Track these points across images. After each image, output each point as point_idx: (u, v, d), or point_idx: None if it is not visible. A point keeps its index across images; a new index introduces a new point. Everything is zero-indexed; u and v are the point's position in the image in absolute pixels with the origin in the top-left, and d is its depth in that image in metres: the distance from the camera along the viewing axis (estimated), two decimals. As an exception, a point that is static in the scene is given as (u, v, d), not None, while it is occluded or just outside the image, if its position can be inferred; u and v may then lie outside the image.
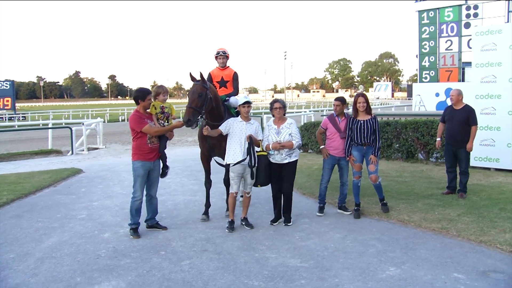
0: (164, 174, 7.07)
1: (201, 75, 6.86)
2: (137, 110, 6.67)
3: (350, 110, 8.04)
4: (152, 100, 6.83)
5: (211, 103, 6.91)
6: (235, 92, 7.84)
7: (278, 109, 7.04)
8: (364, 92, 8.60)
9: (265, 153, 6.95)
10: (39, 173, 12.06)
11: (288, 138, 6.92)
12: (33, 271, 5.40)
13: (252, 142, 6.74)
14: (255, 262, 5.56)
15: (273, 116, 7.17)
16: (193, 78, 6.90)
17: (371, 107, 7.58)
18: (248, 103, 6.87)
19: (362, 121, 7.34)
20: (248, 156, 6.74)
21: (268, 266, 5.42)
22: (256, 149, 6.84)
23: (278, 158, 6.95)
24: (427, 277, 5.00)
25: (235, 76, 7.88)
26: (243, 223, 7.01)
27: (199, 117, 6.75)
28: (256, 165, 6.82)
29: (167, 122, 6.87)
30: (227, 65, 7.94)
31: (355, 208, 7.57)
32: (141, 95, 6.65)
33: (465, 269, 5.19)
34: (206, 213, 7.58)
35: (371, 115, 7.43)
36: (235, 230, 6.80)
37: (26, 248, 6.20)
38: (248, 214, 7.16)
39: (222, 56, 7.81)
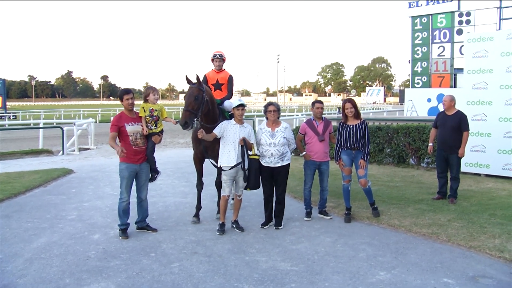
0: (152, 178, 7.04)
1: (198, 78, 6.88)
2: (122, 112, 6.73)
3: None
4: (144, 101, 6.88)
5: (208, 105, 6.94)
6: (229, 95, 7.83)
7: (273, 112, 7.05)
8: (352, 97, 8.62)
9: (257, 157, 6.94)
10: (29, 173, 11.97)
11: (283, 142, 6.93)
12: (21, 272, 5.35)
13: (246, 145, 6.75)
14: (245, 265, 5.55)
15: (267, 118, 7.17)
16: (189, 81, 6.91)
17: (361, 111, 7.65)
18: (242, 105, 6.87)
19: (351, 126, 7.40)
20: (242, 159, 6.74)
21: (258, 269, 5.41)
22: (249, 152, 6.84)
23: (270, 161, 6.95)
24: (417, 281, 5.01)
25: (230, 79, 7.87)
26: (234, 225, 7.00)
27: (195, 120, 6.74)
28: (248, 168, 6.82)
29: (155, 126, 6.83)
30: (223, 68, 7.94)
31: (346, 212, 7.57)
32: (120, 95, 6.70)
33: (455, 274, 5.21)
34: (197, 215, 7.56)
35: (360, 120, 7.47)
36: (225, 233, 6.79)
37: (15, 248, 6.15)
38: (239, 217, 7.15)
39: (219, 59, 7.81)
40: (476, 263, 5.52)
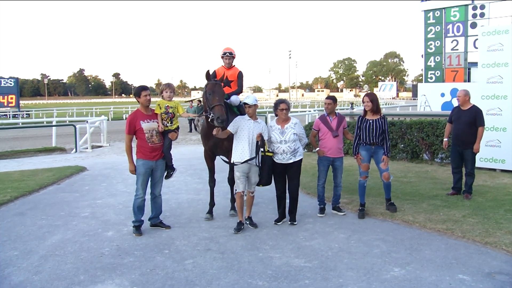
0: (168, 175, 7.05)
1: (224, 79, 7.23)
2: (137, 109, 6.76)
3: (355, 110, 8.00)
4: (161, 97, 6.94)
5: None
6: (239, 90, 7.82)
7: (285, 111, 7.01)
8: (372, 92, 8.44)
9: (271, 154, 6.91)
10: (43, 170, 12.08)
11: (293, 138, 6.89)
12: (36, 268, 5.40)
13: (262, 141, 6.75)
14: (259, 261, 5.54)
15: (277, 116, 7.13)
16: (210, 77, 7.00)
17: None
18: (246, 104, 6.82)
19: (371, 121, 7.30)
20: (256, 155, 6.72)
21: (272, 265, 5.40)
22: (262, 149, 6.82)
23: (283, 158, 6.92)
24: (431, 278, 4.96)
25: (239, 75, 7.83)
26: (247, 222, 6.98)
27: (206, 114, 6.88)
28: (261, 164, 6.82)
29: (171, 123, 6.85)
30: (233, 64, 7.91)
31: (360, 208, 7.52)
32: (136, 92, 6.71)
33: (470, 270, 5.15)
34: (210, 212, 7.57)
35: (380, 115, 7.38)
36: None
37: (30, 245, 6.20)
38: (252, 214, 7.14)
39: (229, 57, 7.76)
40: (492, 260, 5.46)
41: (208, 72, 6.97)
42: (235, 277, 5.09)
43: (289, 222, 7.08)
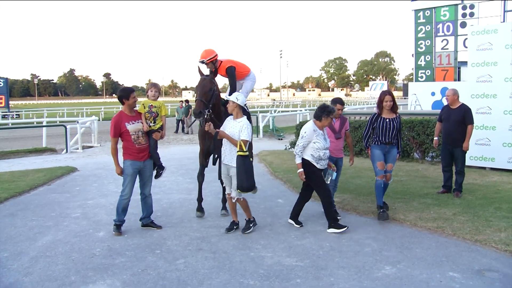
0: (158, 175, 7.07)
1: (211, 71, 7.09)
2: (121, 112, 6.68)
3: (346, 109, 7.99)
4: (146, 97, 6.92)
5: (217, 99, 7.10)
6: (232, 89, 7.45)
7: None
8: (390, 90, 8.18)
9: (243, 153, 6.30)
10: (33, 171, 12.00)
11: None
12: (27, 270, 5.36)
13: (215, 137, 6.50)
14: (250, 261, 5.54)
15: (319, 120, 6.70)
16: (202, 73, 7.07)
17: (364, 106, 7.53)
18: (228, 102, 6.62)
19: (387, 120, 7.15)
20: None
21: (263, 265, 5.41)
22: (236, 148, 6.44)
23: (325, 164, 6.74)
24: (422, 276, 5.00)
25: (229, 73, 7.41)
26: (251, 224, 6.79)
27: (206, 111, 6.81)
28: (215, 163, 6.89)
29: (154, 123, 6.84)
30: (220, 61, 7.42)
31: (381, 210, 7.12)
32: (124, 94, 6.60)
33: (460, 268, 5.19)
34: (199, 209, 7.56)
35: (396, 114, 7.27)
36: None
37: (20, 247, 6.16)
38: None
39: (207, 64, 7.26)
40: (481, 257, 5.50)
41: (198, 67, 7.02)
42: (227, 276, 5.09)
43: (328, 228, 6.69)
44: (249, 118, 6.85)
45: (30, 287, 4.91)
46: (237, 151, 6.31)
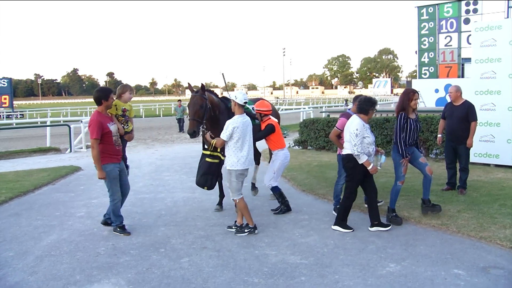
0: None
1: (202, 86, 7.16)
2: (99, 112, 6.46)
3: (349, 106, 7.91)
4: (117, 99, 7.00)
5: (210, 112, 7.19)
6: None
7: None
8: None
9: (206, 152, 6.84)
10: (38, 171, 12.04)
11: None
12: (32, 269, 5.38)
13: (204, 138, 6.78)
14: (254, 259, 5.55)
15: (365, 114, 6.46)
16: (191, 89, 7.21)
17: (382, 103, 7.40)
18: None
19: (413, 120, 6.81)
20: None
21: (268, 263, 5.41)
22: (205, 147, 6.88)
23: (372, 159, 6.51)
24: (427, 273, 4.99)
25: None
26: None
27: (200, 128, 7.03)
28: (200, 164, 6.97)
29: (126, 125, 7.00)
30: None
31: (394, 214, 6.91)
32: (103, 94, 6.48)
33: (465, 265, 5.18)
34: (220, 203, 7.88)
35: (416, 113, 7.05)
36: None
37: (25, 246, 6.18)
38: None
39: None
40: (486, 254, 5.49)
41: (188, 84, 7.36)
42: (231, 274, 5.10)
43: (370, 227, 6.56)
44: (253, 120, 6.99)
45: (36, 286, 4.93)
46: (206, 151, 6.75)
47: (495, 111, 10.40)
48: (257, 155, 8.79)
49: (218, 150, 6.78)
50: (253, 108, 7.64)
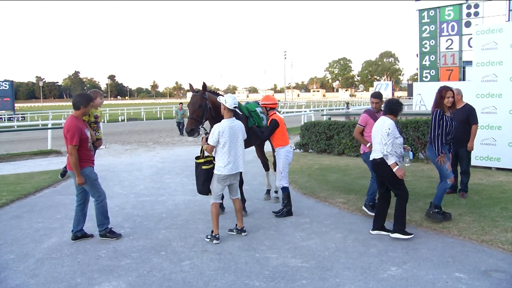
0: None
1: (203, 85, 7.13)
2: (76, 117, 6.35)
3: (350, 110, 7.93)
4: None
5: (211, 112, 7.15)
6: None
7: None
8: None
9: (199, 161, 6.74)
10: (39, 173, 12.04)
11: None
12: (33, 272, 5.38)
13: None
14: (256, 262, 5.54)
15: (394, 114, 6.52)
16: (192, 89, 7.21)
17: (368, 106, 7.38)
18: None
19: (448, 117, 6.82)
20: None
21: (269, 266, 5.40)
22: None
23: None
24: (428, 276, 4.98)
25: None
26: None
27: (200, 127, 7.01)
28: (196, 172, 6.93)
29: (98, 132, 7.06)
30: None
31: (442, 211, 6.85)
32: (84, 101, 6.37)
33: (467, 268, 5.17)
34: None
35: (451, 112, 7.02)
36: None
37: (26, 248, 6.18)
38: (248, 213, 7.11)
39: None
40: (488, 257, 5.48)
41: (190, 84, 7.26)
42: (232, 278, 5.09)
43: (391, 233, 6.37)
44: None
45: (36, 289, 4.93)
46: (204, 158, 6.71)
47: (496, 114, 10.40)
48: (266, 161, 8.97)
49: (202, 154, 6.78)
50: (258, 102, 7.65)
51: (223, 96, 6.76)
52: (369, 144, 7.20)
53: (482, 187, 8.88)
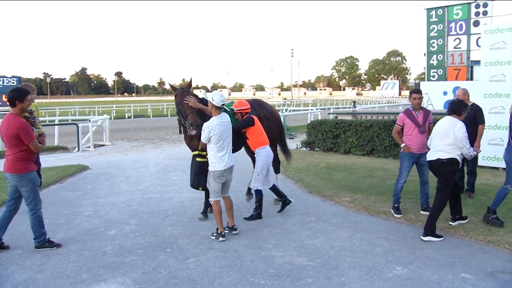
0: (40, 184, 6.63)
1: (190, 81, 7.38)
2: (16, 115, 5.85)
3: (357, 108, 7.92)
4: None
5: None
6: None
7: None
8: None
9: (195, 153, 7.01)
10: (46, 169, 12.05)
11: None
12: (39, 267, 5.41)
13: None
14: (261, 260, 5.54)
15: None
16: (174, 88, 7.30)
17: (376, 105, 7.36)
18: None
19: None
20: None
21: (274, 264, 5.40)
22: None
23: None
24: (434, 277, 4.96)
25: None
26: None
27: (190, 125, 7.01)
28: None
29: (37, 128, 6.55)
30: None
31: (496, 216, 6.60)
32: (18, 95, 5.86)
33: (473, 269, 5.15)
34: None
35: None
36: (240, 229, 6.75)
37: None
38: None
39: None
40: (495, 258, 5.45)
41: (169, 84, 7.38)
42: (238, 275, 5.10)
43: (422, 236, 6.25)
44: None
45: (42, 284, 4.96)
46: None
47: (504, 114, 10.32)
48: (276, 163, 8.42)
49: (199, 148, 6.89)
50: (232, 109, 7.35)
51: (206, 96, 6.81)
52: (403, 144, 7.21)
53: (489, 188, 8.83)
